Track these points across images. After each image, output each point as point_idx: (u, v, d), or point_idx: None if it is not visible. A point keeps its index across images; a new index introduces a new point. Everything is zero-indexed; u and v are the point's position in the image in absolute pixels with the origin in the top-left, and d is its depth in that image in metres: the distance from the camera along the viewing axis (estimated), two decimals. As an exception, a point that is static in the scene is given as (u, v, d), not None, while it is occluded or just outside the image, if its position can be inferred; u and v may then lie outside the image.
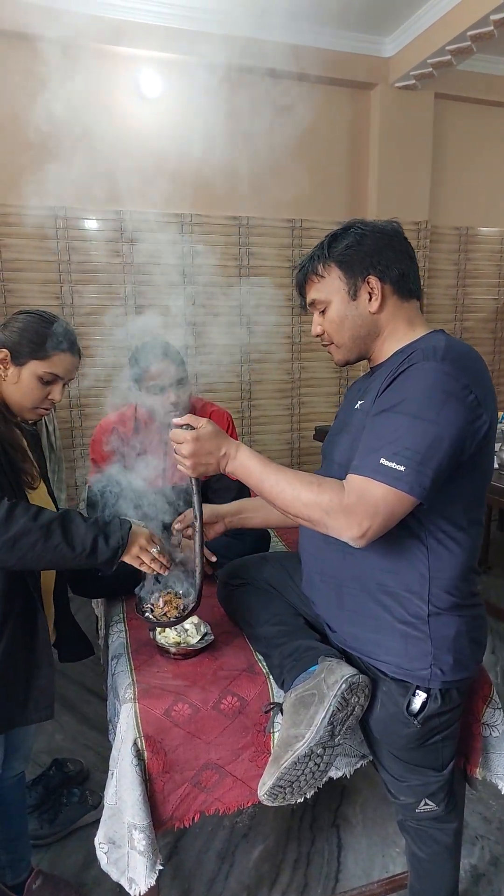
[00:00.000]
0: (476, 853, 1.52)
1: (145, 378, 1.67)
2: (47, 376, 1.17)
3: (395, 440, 0.90)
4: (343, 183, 3.60)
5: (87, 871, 1.45)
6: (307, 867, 1.48)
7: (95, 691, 2.11)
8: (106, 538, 1.08)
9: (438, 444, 0.89)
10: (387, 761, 1.10)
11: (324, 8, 2.96)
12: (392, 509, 0.90)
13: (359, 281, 1.04)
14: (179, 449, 1.04)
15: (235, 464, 1.04)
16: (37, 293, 3.11)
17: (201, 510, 1.13)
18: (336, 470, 1.07)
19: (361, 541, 0.91)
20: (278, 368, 3.67)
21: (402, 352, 1.02)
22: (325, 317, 1.09)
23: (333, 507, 0.92)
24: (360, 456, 0.94)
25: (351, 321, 1.06)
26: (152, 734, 1.07)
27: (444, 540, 0.99)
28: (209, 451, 1.03)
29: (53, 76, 2.89)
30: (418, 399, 0.90)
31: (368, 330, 1.07)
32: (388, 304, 1.05)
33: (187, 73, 3.11)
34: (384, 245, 1.04)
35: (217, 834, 1.56)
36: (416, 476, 0.88)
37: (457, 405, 0.90)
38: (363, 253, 1.03)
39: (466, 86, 3.58)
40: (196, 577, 1.17)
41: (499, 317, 4.13)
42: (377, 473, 0.90)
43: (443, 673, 1.00)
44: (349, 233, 1.05)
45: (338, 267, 1.05)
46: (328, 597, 1.12)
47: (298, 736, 0.98)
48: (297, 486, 0.96)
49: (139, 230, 3.23)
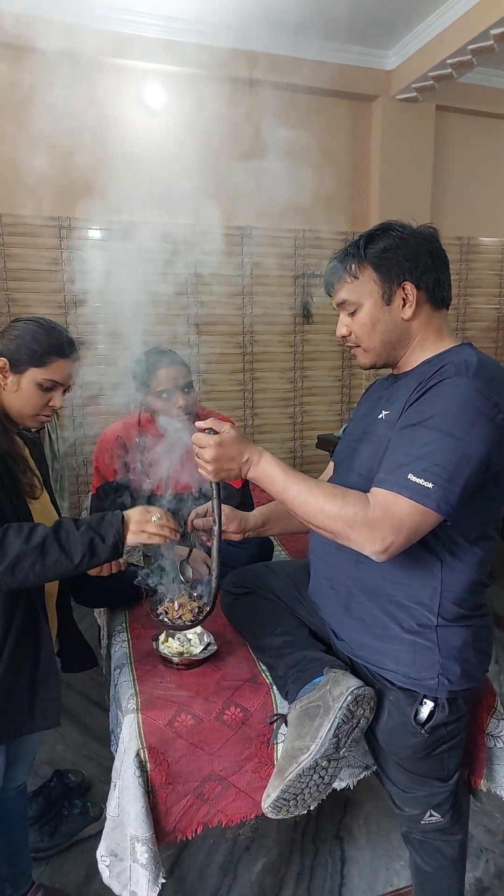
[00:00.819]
0: (481, 866, 1.51)
1: (153, 383, 1.67)
2: (47, 383, 1.17)
3: (423, 456, 0.89)
4: (345, 193, 3.63)
5: (88, 884, 1.44)
6: (310, 880, 1.46)
7: (98, 702, 2.10)
8: (102, 537, 1.07)
9: (467, 463, 0.88)
10: (392, 772, 1.09)
11: (326, 21, 2.99)
12: (417, 526, 0.89)
13: (394, 286, 1.02)
14: (202, 454, 1.02)
15: (258, 470, 1.02)
16: (41, 301, 3.13)
17: (220, 515, 1.11)
18: (356, 479, 1.06)
19: (384, 555, 0.90)
20: (280, 377, 3.68)
21: (430, 363, 1.01)
22: (355, 319, 1.06)
23: (357, 520, 0.91)
24: (387, 469, 0.93)
25: (383, 326, 1.04)
26: (155, 745, 1.06)
27: (458, 554, 0.98)
28: (232, 456, 1.02)
29: (57, 88, 2.93)
30: (449, 415, 0.89)
31: (400, 336, 1.05)
32: (421, 312, 1.03)
33: (190, 85, 3.15)
34: (422, 250, 1.02)
35: (220, 846, 1.55)
36: (444, 493, 0.87)
37: (486, 423, 0.89)
38: (401, 257, 1.01)
39: (467, 98, 3.62)
40: (212, 579, 1.15)
41: (500, 326, 4.14)
42: (404, 489, 0.89)
43: (450, 682, 0.99)
44: (387, 234, 1.02)
45: (373, 269, 1.02)
46: (336, 604, 1.12)
47: (303, 748, 0.98)
48: (321, 497, 0.95)
49: (143, 240, 3.25)
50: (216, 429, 1.03)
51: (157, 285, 3.31)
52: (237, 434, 1.03)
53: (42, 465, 1.34)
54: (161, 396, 1.67)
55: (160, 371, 1.67)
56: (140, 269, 3.35)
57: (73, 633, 1.38)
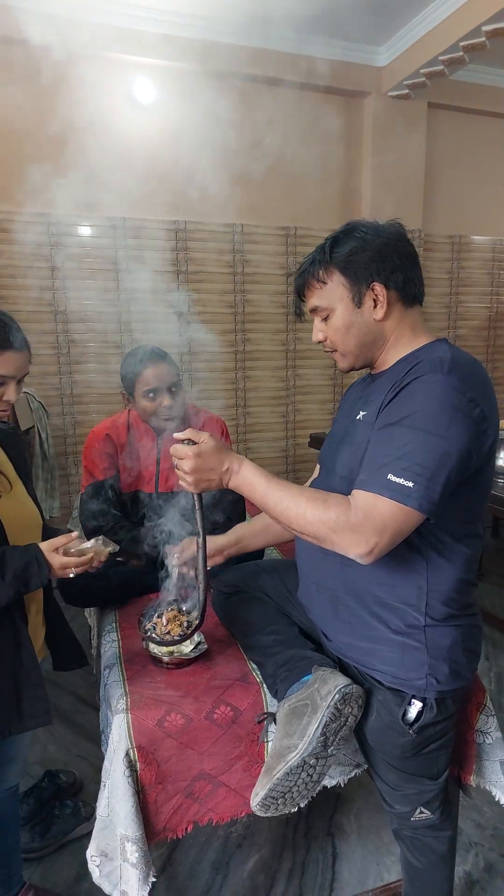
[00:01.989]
0: (470, 860, 1.52)
1: (139, 383, 1.65)
2: None
3: (403, 455, 0.88)
4: (337, 191, 3.62)
5: (79, 884, 1.44)
6: (302, 876, 1.47)
7: (89, 701, 2.09)
8: (27, 585, 1.09)
9: (447, 460, 0.88)
10: (382, 770, 1.10)
11: (318, 17, 2.99)
12: (400, 526, 0.89)
13: (363, 288, 1.01)
14: (181, 465, 1.02)
15: (238, 479, 1.02)
16: (30, 300, 3.11)
17: (204, 526, 1.10)
18: (337, 482, 1.06)
19: (369, 558, 0.90)
20: (273, 376, 3.68)
21: (405, 360, 1.00)
22: (329, 324, 1.06)
23: (340, 524, 0.90)
24: (367, 471, 0.93)
25: (357, 329, 1.03)
26: (145, 745, 1.06)
27: (444, 552, 0.98)
28: (211, 466, 1.01)
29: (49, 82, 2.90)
30: (426, 413, 0.89)
31: (374, 337, 1.04)
32: (393, 311, 1.03)
33: (182, 80, 3.13)
34: (389, 249, 1.00)
35: (211, 844, 1.55)
36: (425, 492, 0.87)
37: (464, 420, 0.89)
38: (367, 258, 1.00)
39: (459, 95, 3.62)
40: (199, 593, 1.15)
41: (492, 325, 4.16)
42: (385, 489, 0.88)
43: (438, 682, 1.00)
44: (352, 236, 1.01)
45: (341, 273, 1.01)
46: (324, 606, 1.12)
47: (291, 746, 0.98)
48: (303, 502, 0.94)
49: (133, 237, 3.24)
50: (194, 439, 1.02)
51: (146, 283, 3.30)
52: (216, 444, 1.02)
53: (19, 458, 1.30)
54: (147, 396, 1.65)
55: (146, 370, 1.64)
56: (129, 265, 3.34)
57: (64, 632, 1.38)
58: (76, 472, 3.32)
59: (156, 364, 1.64)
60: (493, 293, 4.12)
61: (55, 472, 3.12)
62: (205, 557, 1.12)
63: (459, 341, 4.06)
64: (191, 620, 1.28)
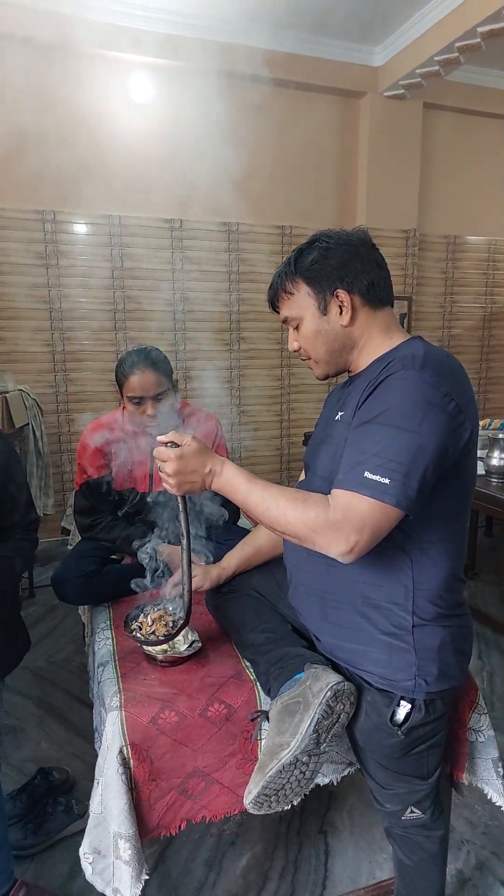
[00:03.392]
0: (462, 858, 1.53)
1: (126, 388, 1.65)
2: None
3: (378, 452, 0.89)
4: (333, 190, 3.63)
5: (72, 881, 1.44)
6: (294, 874, 1.48)
7: (82, 699, 2.09)
8: None
9: (422, 455, 0.88)
10: (372, 769, 1.10)
11: (314, 17, 2.99)
12: (379, 523, 0.89)
13: (327, 295, 1.03)
14: (164, 467, 1.02)
15: (221, 481, 1.02)
16: (24, 296, 3.10)
17: (188, 528, 1.10)
18: (318, 483, 1.07)
19: (350, 556, 0.90)
20: (268, 375, 3.68)
21: (380, 360, 1.01)
22: (300, 333, 1.09)
23: (320, 523, 0.90)
24: (344, 470, 0.93)
25: (324, 336, 1.06)
26: (138, 742, 1.06)
27: (428, 550, 0.98)
28: (194, 468, 1.02)
29: (46, 80, 2.90)
30: (399, 410, 0.90)
31: (343, 343, 1.06)
32: (359, 316, 1.04)
33: (178, 79, 3.12)
34: (350, 257, 1.03)
35: (204, 842, 1.55)
36: (402, 488, 0.87)
37: (438, 414, 0.89)
38: (329, 267, 1.03)
39: (454, 96, 3.64)
40: (184, 595, 1.15)
41: (486, 325, 4.18)
42: (362, 487, 0.88)
43: (427, 684, 1.00)
44: (314, 247, 1.05)
45: (305, 283, 1.05)
46: (312, 608, 1.12)
47: (283, 744, 0.98)
48: (283, 503, 0.95)
49: (130, 235, 3.23)
50: (177, 442, 1.03)
51: (142, 280, 3.30)
52: (199, 446, 1.03)
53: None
54: (132, 402, 1.65)
55: (132, 377, 1.62)
56: (125, 263, 3.34)
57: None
58: (70, 470, 3.31)
59: (143, 372, 1.61)
60: (488, 293, 4.13)
61: (49, 470, 3.11)
62: (189, 559, 1.12)
63: (454, 341, 4.08)
64: (176, 620, 1.28)
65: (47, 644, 2.48)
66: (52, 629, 2.60)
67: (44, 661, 2.35)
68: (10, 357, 3.13)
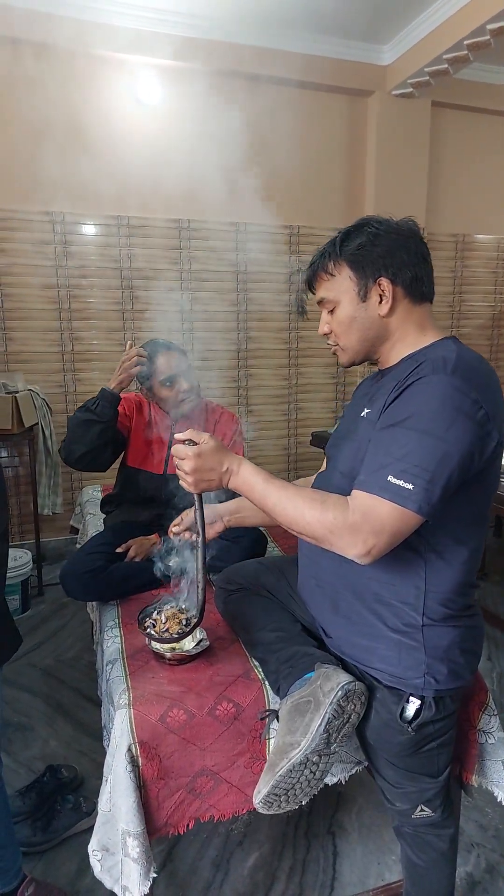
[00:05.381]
0: (472, 861, 1.52)
1: (155, 374, 1.72)
2: None
3: (403, 457, 0.87)
4: (340, 190, 3.62)
5: (80, 878, 1.44)
6: (302, 875, 1.47)
7: (90, 697, 2.10)
8: None
9: (447, 462, 0.86)
10: (382, 768, 1.10)
11: (322, 16, 2.98)
12: (398, 528, 0.88)
13: (370, 282, 1.00)
14: (181, 465, 1.02)
15: (238, 480, 1.02)
16: (35, 298, 3.11)
17: (204, 526, 1.10)
18: (338, 478, 1.06)
19: (367, 558, 0.89)
20: (275, 374, 3.67)
21: (411, 359, 0.99)
22: (334, 317, 1.06)
23: (338, 525, 0.89)
24: (367, 471, 0.92)
25: (360, 323, 1.03)
26: (147, 740, 1.06)
27: (443, 554, 0.97)
28: (211, 466, 1.01)
29: (55, 81, 2.91)
30: (427, 415, 0.88)
31: (377, 333, 1.04)
32: (399, 308, 1.02)
33: (186, 80, 3.13)
34: (398, 246, 1.00)
35: (212, 841, 1.55)
36: (425, 494, 0.86)
37: (466, 422, 0.87)
38: (376, 253, 1.00)
39: (463, 94, 3.62)
40: (198, 591, 1.15)
41: (495, 324, 4.15)
42: (384, 491, 0.87)
43: (436, 682, 0.99)
44: (363, 231, 1.01)
45: (349, 266, 1.02)
46: (323, 602, 1.12)
47: (294, 743, 0.98)
48: (301, 503, 0.94)
49: (137, 235, 3.24)
50: (195, 440, 1.02)
51: (150, 280, 3.30)
52: (216, 444, 1.02)
53: None
54: (165, 385, 1.72)
55: (159, 359, 1.72)
56: (132, 264, 3.35)
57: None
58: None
59: (166, 354, 1.73)
60: (497, 292, 4.11)
61: (58, 469, 3.12)
62: (204, 556, 1.12)
63: (463, 340, 4.04)
64: (189, 618, 1.28)
65: (56, 642, 2.49)
66: (61, 627, 2.61)
67: (52, 659, 2.36)
68: (20, 357, 3.14)
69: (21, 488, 3.23)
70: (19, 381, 2.86)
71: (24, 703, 2.08)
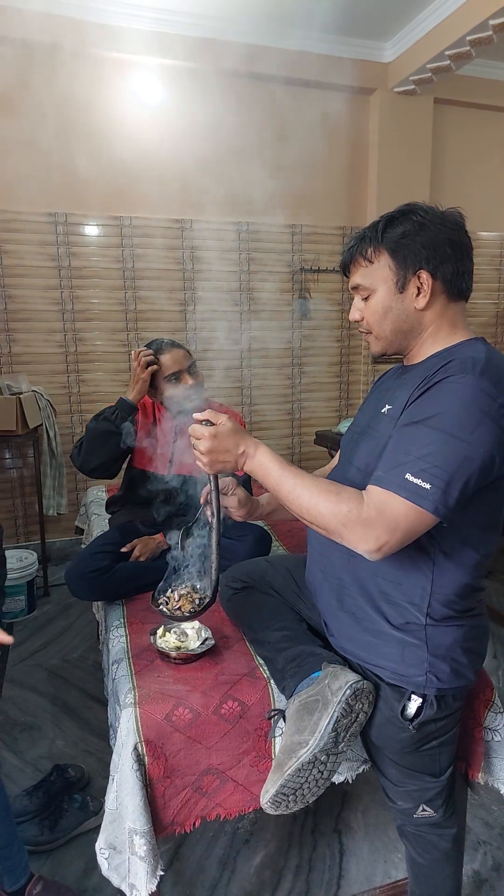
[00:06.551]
0: (478, 859, 1.51)
1: (161, 371, 1.73)
2: None
3: (423, 456, 0.86)
4: (343, 187, 3.61)
5: (88, 877, 1.44)
6: (309, 873, 1.47)
7: (96, 696, 2.10)
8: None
9: (468, 465, 0.85)
10: (384, 765, 1.10)
11: (324, 14, 2.98)
12: (412, 527, 0.87)
13: (409, 274, 0.97)
14: (197, 445, 1.01)
15: (254, 463, 1.00)
16: (38, 298, 3.12)
17: (219, 507, 1.10)
18: (353, 474, 1.04)
19: (377, 555, 0.89)
20: (278, 373, 3.67)
21: (439, 356, 0.97)
22: (368, 304, 1.02)
23: (352, 518, 0.88)
24: (385, 468, 0.90)
25: (395, 314, 1.00)
26: (153, 739, 1.07)
27: (452, 556, 0.97)
28: (227, 448, 1.00)
29: (57, 82, 2.91)
30: (452, 415, 0.86)
31: (412, 326, 1.00)
32: (436, 302, 0.98)
33: (188, 79, 3.13)
34: (443, 238, 0.95)
35: (218, 839, 1.56)
36: (442, 496, 0.85)
37: (491, 425, 0.85)
38: (419, 244, 0.95)
39: (466, 91, 3.60)
40: (212, 572, 1.15)
41: (499, 321, 4.14)
42: (401, 489, 0.86)
43: (439, 680, 0.99)
44: (407, 218, 0.97)
45: (389, 254, 0.97)
46: (329, 595, 1.11)
47: (302, 743, 0.97)
48: (316, 493, 0.93)
49: (139, 236, 3.24)
50: (213, 420, 1.02)
51: (153, 281, 3.31)
52: (233, 426, 1.01)
53: None
54: (171, 381, 1.74)
55: (163, 357, 1.74)
56: (135, 264, 3.35)
57: None
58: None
59: (170, 350, 1.75)
60: (501, 289, 4.09)
61: (63, 470, 3.13)
62: (219, 538, 1.12)
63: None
64: (202, 598, 1.29)
65: (62, 642, 2.49)
66: (67, 627, 2.61)
67: (58, 659, 2.36)
68: (24, 358, 3.15)
69: (26, 489, 3.24)
70: (23, 383, 2.87)
71: (30, 702, 2.09)
